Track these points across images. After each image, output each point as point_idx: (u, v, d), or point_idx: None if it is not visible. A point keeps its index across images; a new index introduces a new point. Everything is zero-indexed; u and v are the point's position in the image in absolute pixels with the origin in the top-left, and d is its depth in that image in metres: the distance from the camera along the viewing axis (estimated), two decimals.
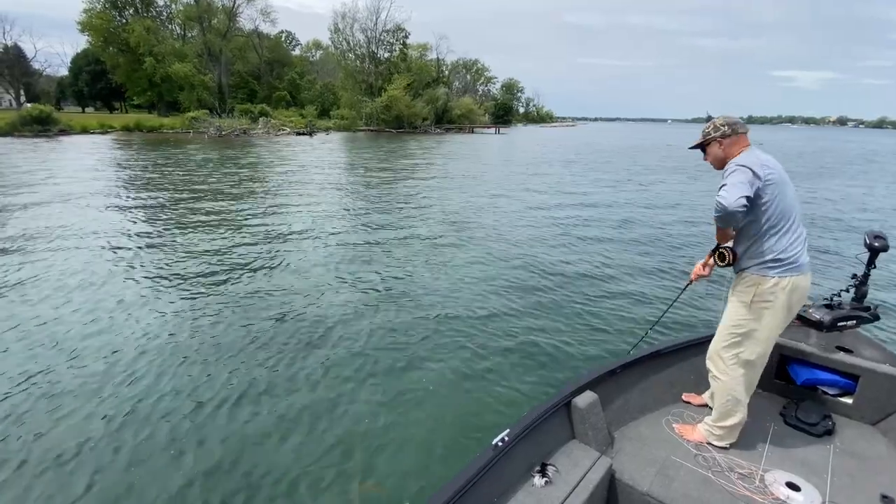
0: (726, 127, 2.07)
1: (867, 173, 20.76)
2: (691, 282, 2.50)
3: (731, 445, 2.22)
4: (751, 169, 1.90)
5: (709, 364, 2.27)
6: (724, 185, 1.92)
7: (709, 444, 2.23)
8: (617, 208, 11.22)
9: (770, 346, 2.15)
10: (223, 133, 36.03)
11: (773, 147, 42.08)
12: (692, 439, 2.27)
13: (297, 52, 73.73)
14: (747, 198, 1.85)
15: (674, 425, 2.38)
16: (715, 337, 2.25)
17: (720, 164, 2.10)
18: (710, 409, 2.35)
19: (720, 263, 2.21)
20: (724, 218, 1.92)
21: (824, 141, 57.39)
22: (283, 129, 40.91)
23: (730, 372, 2.16)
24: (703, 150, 2.19)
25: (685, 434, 2.31)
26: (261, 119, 41.65)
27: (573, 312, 5.12)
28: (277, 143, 30.75)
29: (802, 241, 2.04)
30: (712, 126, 2.12)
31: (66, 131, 32.15)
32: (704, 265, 2.35)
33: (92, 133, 33.66)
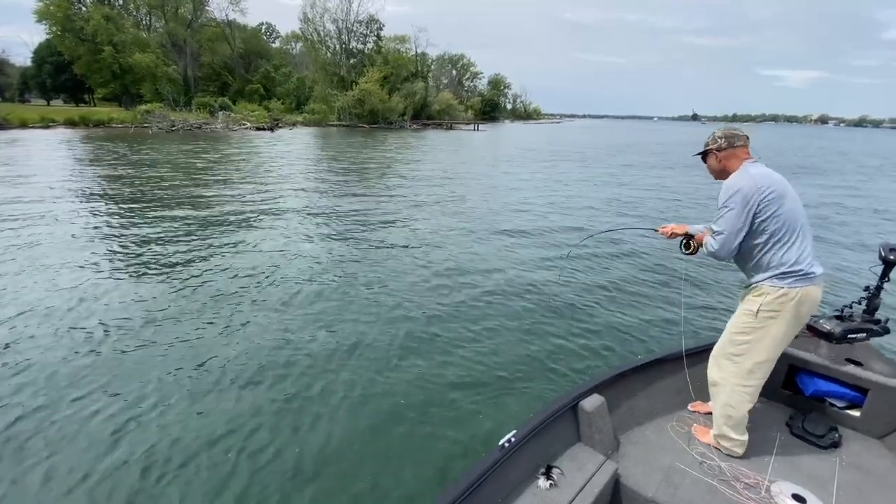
0: (723, 140, 2.10)
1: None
2: (657, 231, 2.43)
3: (737, 454, 2.21)
4: (746, 193, 1.93)
5: (710, 370, 2.26)
6: (717, 232, 2.01)
7: (716, 448, 2.22)
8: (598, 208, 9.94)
9: (774, 356, 2.11)
10: (174, 128, 33.84)
11: None
12: (703, 440, 2.27)
13: (277, 44, 71.08)
14: (739, 242, 1.98)
15: (693, 424, 2.38)
16: (718, 343, 2.24)
17: (718, 175, 2.15)
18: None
19: (684, 251, 2.31)
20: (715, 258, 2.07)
21: (791, 140, 57.07)
22: (243, 124, 38.78)
23: (730, 379, 2.15)
24: (704, 159, 2.22)
25: (697, 434, 2.31)
26: (220, 113, 39.46)
27: (576, 312, 5.00)
28: (228, 140, 28.46)
29: (811, 251, 2.02)
30: (712, 138, 2.14)
31: (2, 125, 29.86)
32: (673, 234, 2.37)
33: (31, 127, 31.32)
